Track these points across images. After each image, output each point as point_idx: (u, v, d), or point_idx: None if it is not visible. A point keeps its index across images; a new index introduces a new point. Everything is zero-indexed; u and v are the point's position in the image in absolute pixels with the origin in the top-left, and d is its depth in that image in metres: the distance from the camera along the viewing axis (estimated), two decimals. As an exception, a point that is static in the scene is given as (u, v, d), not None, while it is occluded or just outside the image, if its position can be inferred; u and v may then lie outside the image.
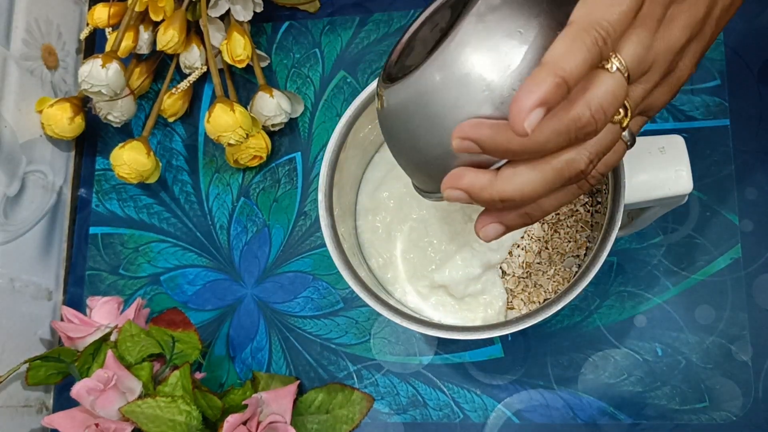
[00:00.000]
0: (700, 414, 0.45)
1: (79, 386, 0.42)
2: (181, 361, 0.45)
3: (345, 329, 0.50)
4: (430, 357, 0.48)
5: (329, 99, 0.53)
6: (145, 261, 0.53)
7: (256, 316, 0.51)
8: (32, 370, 0.46)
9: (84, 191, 0.55)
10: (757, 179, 0.47)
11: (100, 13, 0.52)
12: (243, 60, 0.50)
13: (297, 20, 0.55)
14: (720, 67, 0.49)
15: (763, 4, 0.49)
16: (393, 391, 0.48)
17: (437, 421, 0.47)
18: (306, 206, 0.52)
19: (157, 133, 0.55)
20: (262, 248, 0.52)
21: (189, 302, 0.52)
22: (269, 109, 0.50)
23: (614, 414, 0.45)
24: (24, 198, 0.50)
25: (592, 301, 0.47)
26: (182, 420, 0.41)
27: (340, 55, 0.54)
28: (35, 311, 0.50)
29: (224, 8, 0.51)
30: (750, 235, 0.46)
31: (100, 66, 0.47)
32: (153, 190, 0.54)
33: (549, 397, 0.46)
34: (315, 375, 0.49)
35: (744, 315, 0.45)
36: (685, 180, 0.36)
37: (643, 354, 0.46)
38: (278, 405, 0.45)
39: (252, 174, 0.53)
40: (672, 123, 0.49)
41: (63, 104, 0.51)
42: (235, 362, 0.50)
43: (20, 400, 0.48)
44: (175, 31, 0.50)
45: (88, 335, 0.46)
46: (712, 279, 0.46)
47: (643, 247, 0.47)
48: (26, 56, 0.51)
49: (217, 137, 0.48)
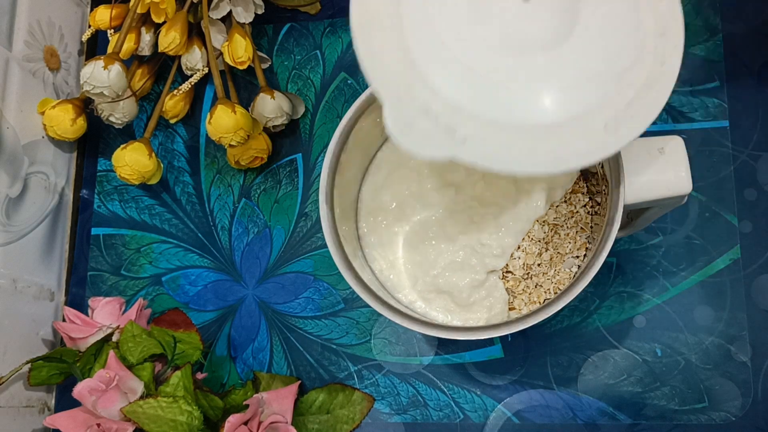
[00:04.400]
0: (699, 414, 0.45)
1: (80, 386, 0.42)
2: (183, 361, 0.46)
3: (346, 330, 0.50)
4: (430, 357, 0.48)
5: (330, 100, 0.53)
6: (147, 262, 0.53)
7: (257, 317, 0.51)
8: (34, 371, 0.47)
9: (86, 192, 0.55)
10: (757, 180, 0.47)
11: (102, 14, 0.52)
12: (244, 62, 0.51)
13: (298, 22, 0.56)
14: (719, 68, 0.49)
15: (763, 4, 0.49)
16: (393, 392, 0.48)
17: (437, 422, 0.47)
18: (307, 207, 0.52)
19: (158, 135, 0.55)
20: (264, 249, 0.52)
21: (190, 303, 0.52)
22: (270, 111, 0.50)
23: (614, 414, 0.45)
24: (26, 199, 0.51)
25: (592, 301, 0.47)
26: (184, 420, 0.41)
27: (341, 56, 0.54)
28: (37, 312, 0.51)
29: (225, 10, 0.51)
30: (749, 236, 0.46)
31: (102, 67, 0.47)
32: (155, 192, 0.54)
33: (549, 398, 0.46)
34: (316, 375, 0.49)
35: (743, 315, 0.45)
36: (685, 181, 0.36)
37: (643, 354, 0.46)
38: (279, 405, 0.45)
39: (253, 175, 0.53)
40: (671, 124, 0.49)
41: (65, 106, 0.51)
42: (237, 362, 0.50)
43: (22, 401, 0.48)
44: (177, 33, 0.50)
45: (90, 336, 0.46)
46: (712, 280, 0.46)
47: (642, 248, 0.47)
48: (28, 58, 0.52)
49: (219, 138, 0.48)
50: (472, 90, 0.31)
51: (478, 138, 0.31)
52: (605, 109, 0.31)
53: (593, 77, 0.31)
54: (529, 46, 0.31)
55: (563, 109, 0.31)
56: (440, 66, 0.31)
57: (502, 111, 0.31)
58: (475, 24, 0.31)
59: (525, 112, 0.31)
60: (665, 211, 0.42)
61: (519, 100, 0.31)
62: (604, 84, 0.31)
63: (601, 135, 0.31)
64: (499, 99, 0.31)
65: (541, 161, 0.30)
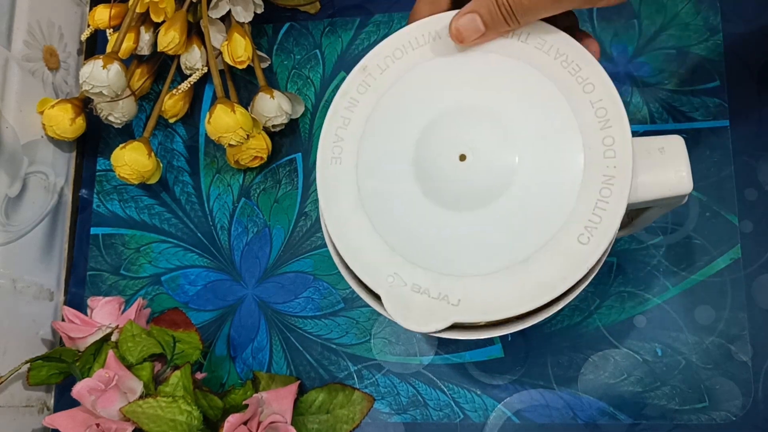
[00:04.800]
0: (699, 414, 0.45)
1: (80, 386, 0.42)
2: (182, 361, 0.46)
3: (345, 329, 0.50)
4: (430, 357, 0.48)
5: (330, 100, 0.53)
6: (146, 261, 0.53)
7: (256, 317, 0.51)
8: (33, 370, 0.47)
9: (85, 192, 0.55)
10: (757, 180, 0.47)
11: (101, 14, 0.52)
12: (244, 61, 0.51)
13: (298, 21, 0.55)
14: (719, 68, 0.49)
15: (763, 4, 0.49)
16: (393, 391, 0.48)
17: (437, 421, 0.47)
18: (306, 207, 0.52)
19: (158, 134, 0.55)
20: (263, 249, 0.52)
21: (190, 302, 0.52)
22: (270, 110, 0.50)
23: (614, 414, 0.45)
24: (25, 199, 0.50)
25: (592, 301, 0.47)
26: (183, 420, 0.41)
27: (341, 56, 0.54)
28: (37, 311, 0.51)
29: (225, 9, 0.51)
30: (750, 235, 0.46)
31: (101, 67, 0.47)
32: (154, 191, 0.54)
33: (549, 397, 0.46)
34: (315, 375, 0.49)
35: (744, 315, 0.45)
36: (685, 180, 0.36)
37: (643, 354, 0.46)
38: (279, 405, 0.45)
39: (253, 175, 0.53)
40: (672, 124, 0.49)
41: (64, 105, 0.51)
42: (236, 362, 0.50)
43: (21, 400, 0.48)
44: (176, 32, 0.50)
45: (90, 335, 0.46)
46: (712, 279, 0.46)
47: (643, 248, 0.47)
48: (28, 57, 0.51)
49: (218, 138, 0.48)
50: (448, 253, 0.34)
51: (470, 296, 0.33)
52: (572, 224, 0.33)
53: (553, 199, 0.33)
54: (481, 199, 0.34)
55: (534, 238, 0.33)
56: (413, 243, 0.34)
57: (482, 263, 0.34)
58: (428, 194, 0.35)
59: (502, 257, 0.33)
60: (666, 210, 0.42)
61: (492, 248, 0.34)
62: (565, 202, 0.33)
63: (577, 248, 0.33)
64: (474, 253, 0.34)
65: (532, 296, 0.33)
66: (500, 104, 0.35)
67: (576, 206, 0.33)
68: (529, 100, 0.35)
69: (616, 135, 0.33)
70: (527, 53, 0.35)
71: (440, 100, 0.36)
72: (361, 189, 0.36)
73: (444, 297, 0.33)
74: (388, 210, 0.35)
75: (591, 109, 0.34)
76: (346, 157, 0.37)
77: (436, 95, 0.36)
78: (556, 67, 0.35)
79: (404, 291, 0.34)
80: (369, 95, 0.37)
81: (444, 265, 0.34)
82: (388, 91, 0.37)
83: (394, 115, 0.36)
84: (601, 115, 0.34)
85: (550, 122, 0.34)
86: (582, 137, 0.34)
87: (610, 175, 0.33)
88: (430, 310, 0.33)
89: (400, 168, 0.35)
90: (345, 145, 0.37)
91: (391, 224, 0.35)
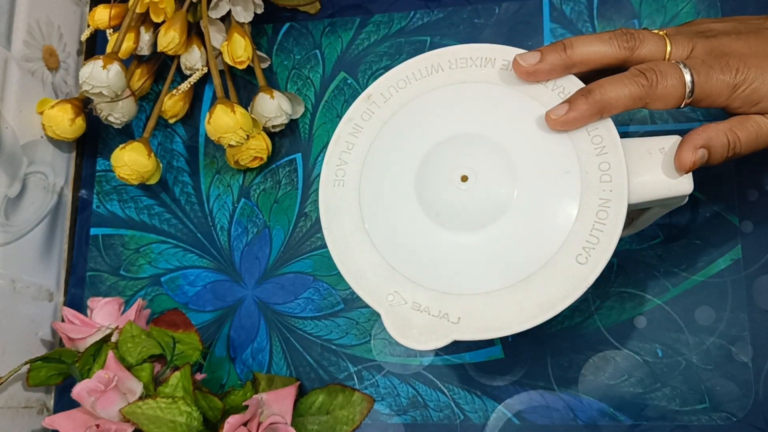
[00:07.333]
0: (700, 415, 0.45)
1: (79, 387, 0.42)
2: (182, 362, 0.46)
3: (345, 330, 0.50)
4: (430, 358, 0.48)
5: (330, 100, 0.53)
6: (146, 262, 0.53)
7: (256, 317, 0.51)
8: (33, 371, 0.46)
9: (85, 192, 0.55)
10: (758, 180, 0.47)
11: (101, 14, 0.52)
12: (244, 61, 0.51)
13: (297, 21, 0.55)
14: (720, 68, 0.49)
15: (763, 4, 0.49)
16: (393, 392, 0.48)
17: (438, 422, 0.47)
18: (306, 207, 0.52)
19: (157, 135, 0.55)
20: (263, 249, 0.52)
21: (190, 303, 0.52)
22: (270, 111, 0.50)
23: (614, 415, 0.45)
24: (25, 199, 0.50)
25: (593, 302, 0.47)
26: (183, 421, 0.41)
27: (341, 56, 0.54)
28: (36, 312, 0.51)
29: (225, 9, 0.51)
30: (750, 236, 0.46)
31: (101, 67, 0.47)
32: (154, 192, 0.54)
33: (549, 399, 0.46)
34: (315, 376, 0.49)
35: (744, 316, 0.45)
36: (686, 181, 0.36)
37: (644, 355, 0.46)
38: (279, 406, 0.45)
39: (252, 175, 0.53)
40: (672, 124, 0.49)
41: (64, 105, 0.51)
42: (236, 363, 0.50)
43: (21, 401, 0.48)
44: (176, 33, 0.50)
45: (89, 336, 0.46)
46: (713, 280, 0.46)
47: (643, 248, 0.47)
48: (27, 57, 0.51)
49: (218, 138, 0.48)
50: (449, 272, 0.35)
51: (470, 314, 0.34)
52: (570, 245, 0.34)
53: (552, 221, 0.35)
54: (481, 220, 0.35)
55: (533, 258, 0.34)
56: (414, 262, 0.35)
57: (482, 282, 0.34)
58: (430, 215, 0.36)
59: (502, 276, 0.34)
60: (666, 211, 0.42)
61: (493, 267, 0.35)
62: (563, 224, 0.34)
63: (576, 268, 0.34)
64: (475, 273, 0.35)
65: (532, 315, 0.34)
66: (501, 131, 0.36)
67: (574, 228, 0.34)
68: (529, 127, 0.36)
69: (612, 161, 0.35)
70: (525, 84, 0.37)
71: (443, 127, 0.37)
72: (363, 210, 0.37)
73: (444, 315, 0.34)
74: (389, 230, 0.36)
75: (587, 136, 0.35)
76: (349, 179, 0.38)
77: (438, 122, 0.37)
78: (554, 97, 0.37)
79: (404, 309, 0.35)
80: (372, 122, 0.39)
81: (445, 283, 0.35)
82: (391, 118, 0.38)
83: (397, 140, 0.38)
84: (597, 142, 0.35)
85: (549, 149, 0.35)
86: (579, 163, 0.35)
87: (606, 198, 0.34)
88: (429, 328, 0.34)
89: (402, 189, 0.36)
90: (348, 168, 0.38)
91: (392, 244, 0.36)
